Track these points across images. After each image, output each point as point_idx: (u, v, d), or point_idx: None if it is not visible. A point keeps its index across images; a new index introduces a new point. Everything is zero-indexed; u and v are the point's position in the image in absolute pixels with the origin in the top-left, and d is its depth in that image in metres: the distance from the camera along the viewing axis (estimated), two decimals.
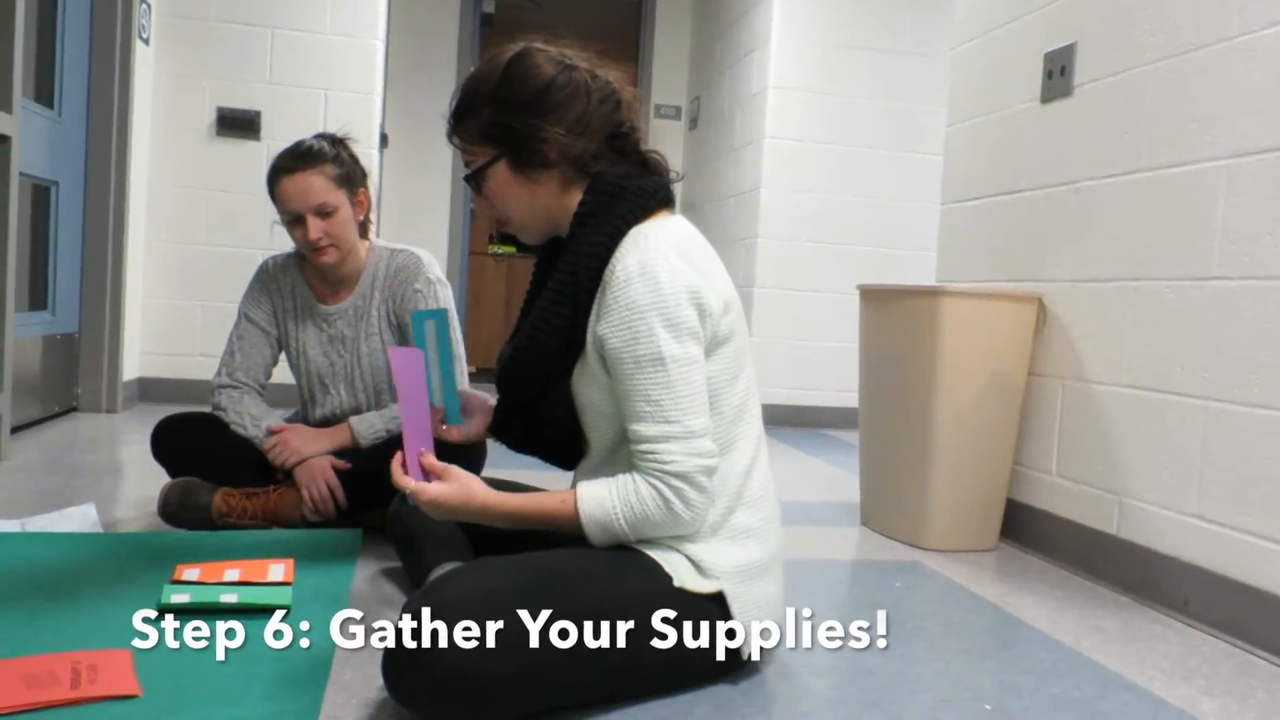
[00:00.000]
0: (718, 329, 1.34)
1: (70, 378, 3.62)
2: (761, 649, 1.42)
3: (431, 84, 5.57)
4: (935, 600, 1.95)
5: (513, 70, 1.38)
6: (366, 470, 2.01)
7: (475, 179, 1.41)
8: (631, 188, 1.38)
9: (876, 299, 2.55)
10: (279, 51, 4.10)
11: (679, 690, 1.37)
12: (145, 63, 3.89)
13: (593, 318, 1.34)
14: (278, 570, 1.70)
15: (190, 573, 1.66)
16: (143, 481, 2.57)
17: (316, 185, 2.05)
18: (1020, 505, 2.46)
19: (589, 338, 1.35)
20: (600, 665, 1.24)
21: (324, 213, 2.06)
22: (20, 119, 2.69)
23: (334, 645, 1.44)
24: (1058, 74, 2.40)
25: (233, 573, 1.67)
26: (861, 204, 4.62)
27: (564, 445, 1.46)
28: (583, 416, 1.42)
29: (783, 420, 4.58)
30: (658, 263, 1.29)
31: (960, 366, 2.33)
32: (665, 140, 5.83)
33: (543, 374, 1.40)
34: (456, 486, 1.33)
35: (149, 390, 4.05)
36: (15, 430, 3.13)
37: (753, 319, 4.55)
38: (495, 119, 1.37)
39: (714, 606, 1.33)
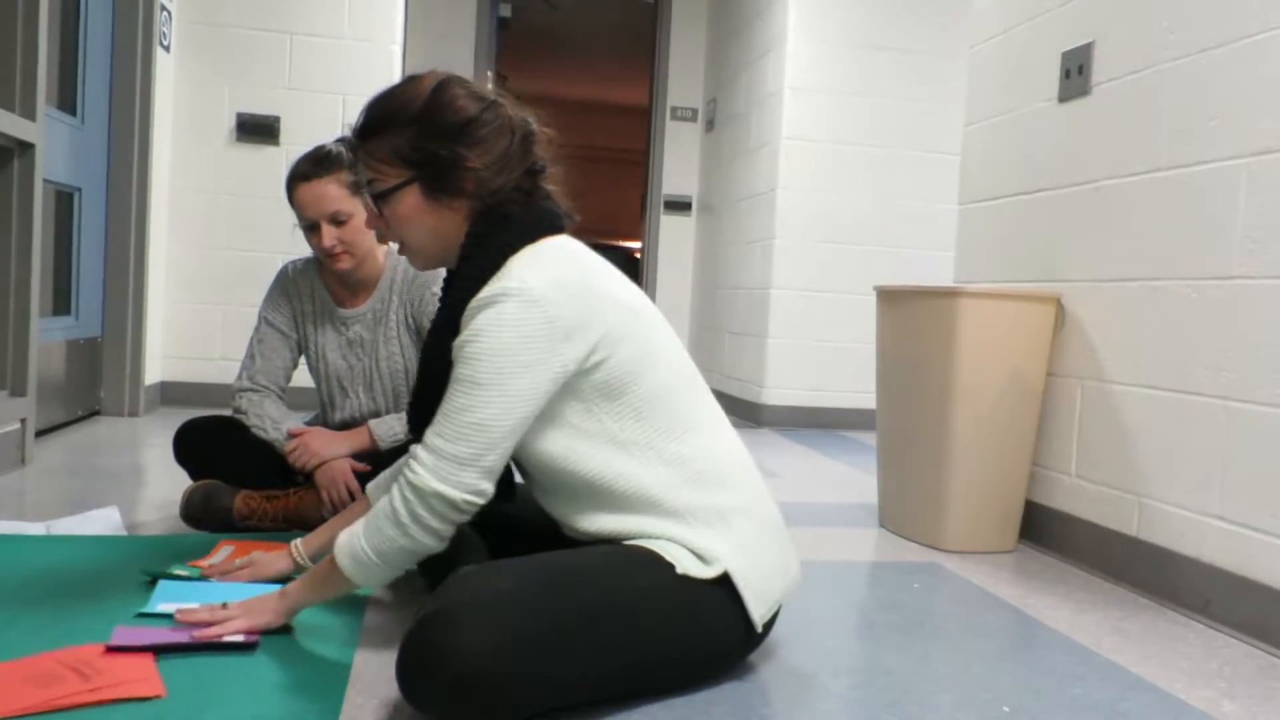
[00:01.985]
0: (592, 352, 1.32)
1: (93, 382, 3.66)
2: (771, 624, 1.44)
3: None
4: (954, 601, 1.95)
5: (441, 96, 1.38)
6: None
7: (380, 198, 1.41)
8: (516, 216, 1.40)
9: (894, 300, 2.54)
10: (297, 57, 4.14)
11: (696, 682, 1.38)
12: (166, 69, 3.93)
13: None
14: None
15: (225, 550, 1.85)
16: (165, 484, 2.59)
17: (330, 193, 2.06)
18: (1039, 506, 2.45)
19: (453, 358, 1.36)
20: (614, 661, 1.25)
21: (338, 220, 2.08)
22: (44, 126, 2.73)
23: (355, 646, 1.46)
24: (1075, 73, 2.38)
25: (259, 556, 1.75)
26: (879, 204, 4.61)
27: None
28: (538, 466, 1.41)
29: (800, 421, 4.58)
30: (512, 294, 1.28)
31: (978, 367, 2.32)
32: (681, 142, 5.84)
33: (435, 405, 1.37)
34: (253, 601, 1.44)
35: (170, 394, 4.09)
36: (40, 434, 3.17)
37: (769, 320, 4.55)
38: (417, 142, 1.37)
39: (720, 589, 1.34)
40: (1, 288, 2.64)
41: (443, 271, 2.19)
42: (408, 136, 1.37)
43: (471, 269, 1.37)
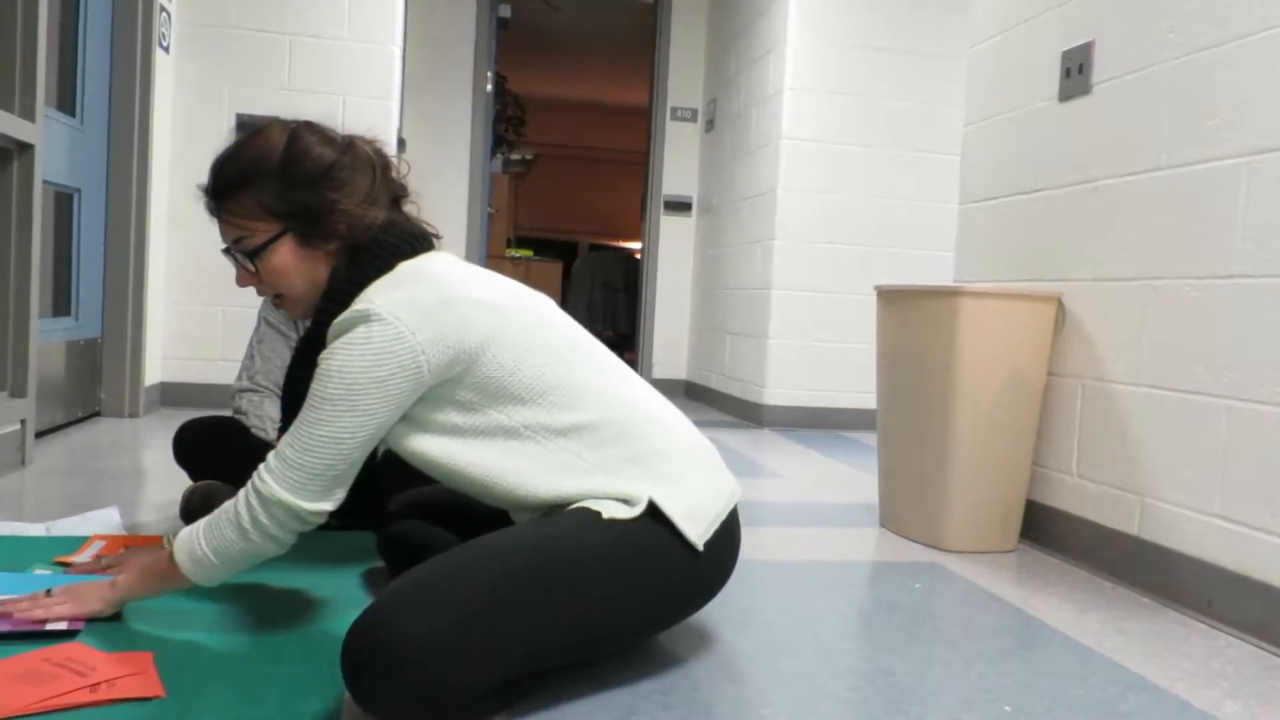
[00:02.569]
0: (455, 361, 1.33)
1: (93, 383, 3.66)
2: (726, 543, 1.44)
3: (448, 89, 5.61)
4: (955, 602, 1.94)
5: (297, 145, 1.39)
6: (386, 473, 2.02)
7: (253, 255, 1.41)
8: (372, 248, 1.41)
9: (894, 299, 2.54)
10: (297, 58, 4.13)
11: (660, 623, 1.40)
12: (166, 70, 3.93)
13: None
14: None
15: (96, 545, 1.87)
16: (165, 485, 2.59)
17: None
18: (1040, 506, 2.45)
19: None
20: (561, 623, 1.24)
21: None
22: (44, 127, 2.73)
23: None
24: (1076, 72, 2.38)
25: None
26: (879, 205, 4.61)
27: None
28: (423, 466, 1.42)
29: (801, 422, 4.58)
30: (360, 318, 1.30)
31: (979, 367, 2.32)
32: (681, 142, 5.84)
33: None
34: (79, 588, 1.43)
35: (171, 395, 4.09)
36: (40, 435, 3.17)
37: (769, 321, 4.55)
38: (284, 193, 1.37)
39: (650, 521, 1.34)
40: (1, 289, 2.64)
41: None
42: (271, 189, 1.37)
43: (329, 302, 1.40)
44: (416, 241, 1.45)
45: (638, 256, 6.83)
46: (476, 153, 5.71)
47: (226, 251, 1.44)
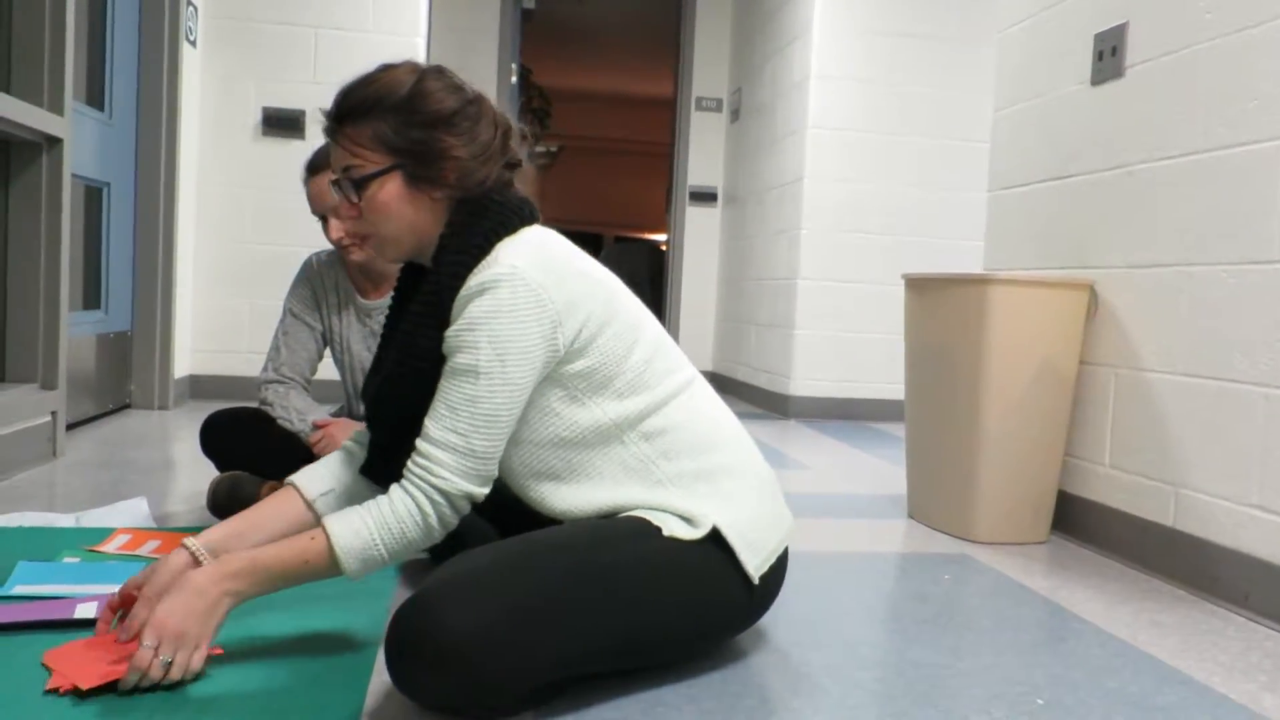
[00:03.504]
0: (577, 337, 1.31)
1: (123, 375, 3.69)
2: (778, 573, 1.43)
3: (473, 80, 5.58)
4: (985, 593, 1.91)
5: (426, 85, 1.36)
6: None
7: (359, 185, 1.36)
8: (494, 205, 1.38)
9: (922, 288, 2.51)
10: (323, 50, 4.15)
11: (701, 647, 1.38)
12: (192, 64, 3.95)
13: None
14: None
15: (121, 538, 1.86)
16: (193, 476, 2.61)
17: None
18: (1072, 497, 2.41)
19: (444, 349, 1.32)
20: (606, 633, 1.23)
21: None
22: (71, 121, 2.75)
23: (379, 638, 1.45)
24: (1108, 55, 2.34)
25: (153, 543, 1.82)
26: (907, 193, 4.56)
27: None
28: None
29: (828, 413, 4.54)
30: (505, 280, 1.27)
31: (1009, 356, 2.28)
32: (706, 133, 5.81)
33: (414, 400, 1.35)
34: (168, 597, 1.20)
35: (200, 387, 4.12)
36: (71, 427, 3.20)
37: (796, 311, 4.51)
38: (402, 129, 1.34)
39: (711, 546, 1.33)
40: (31, 282, 2.66)
41: None
42: (392, 123, 1.34)
43: (455, 255, 1.34)
44: (534, 210, 1.43)
45: (663, 248, 6.81)
46: None
47: (335, 183, 1.41)
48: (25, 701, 1.17)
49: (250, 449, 2.17)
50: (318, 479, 1.48)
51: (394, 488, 1.28)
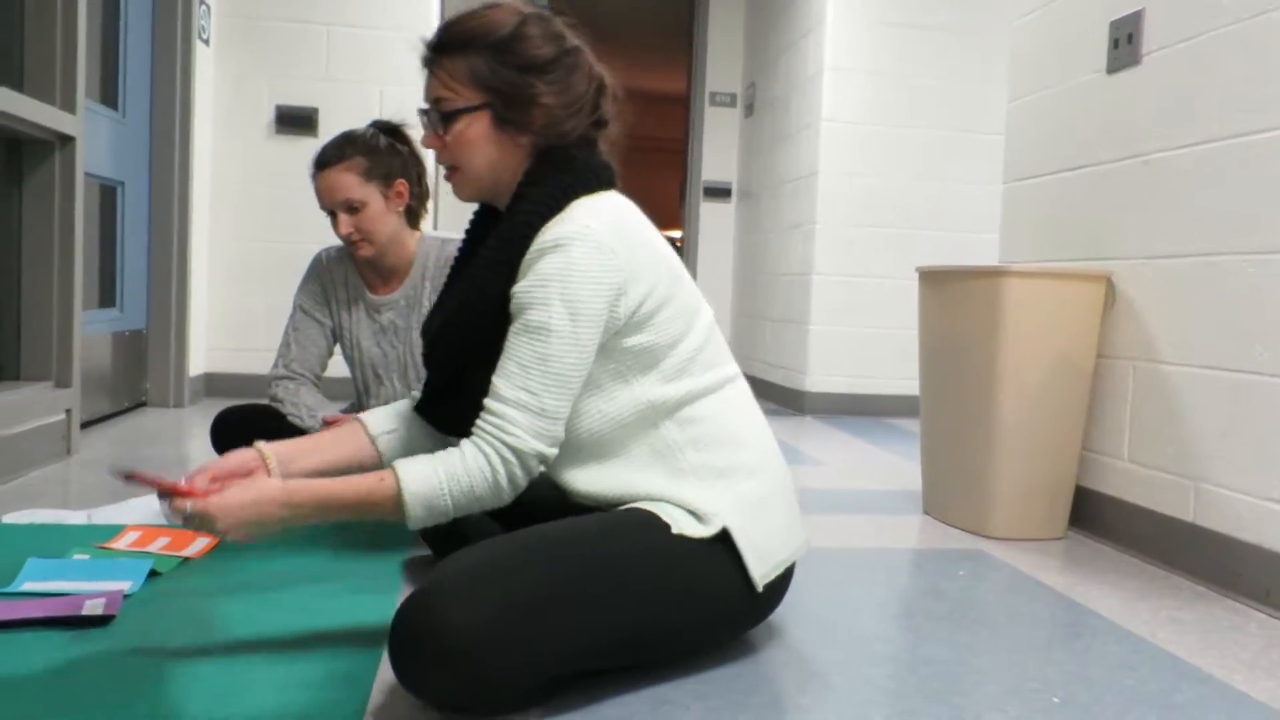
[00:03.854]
0: (639, 308, 1.31)
1: (139, 373, 3.71)
2: (782, 582, 1.41)
3: None
4: (1000, 589, 1.89)
5: (527, 29, 1.36)
6: None
7: (447, 118, 1.36)
8: (577, 163, 1.38)
9: (936, 281, 2.48)
10: (335, 48, 4.15)
11: (700, 647, 1.36)
12: (206, 63, 3.96)
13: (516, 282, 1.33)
14: (200, 543, 1.83)
15: (131, 535, 1.86)
16: None
17: (342, 182, 2.06)
18: (1090, 492, 2.37)
19: (512, 305, 1.31)
20: (608, 629, 1.22)
21: (351, 209, 2.07)
22: (84, 120, 2.75)
23: (384, 636, 1.44)
24: (1124, 42, 2.30)
25: (163, 540, 1.83)
26: (922, 186, 4.52)
27: None
28: None
29: (843, 408, 4.51)
30: (579, 239, 1.27)
31: (1024, 349, 2.25)
32: (720, 128, 5.78)
33: (473, 344, 1.35)
34: (238, 489, 1.21)
35: (215, 385, 4.13)
36: (86, 425, 3.22)
37: (810, 306, 4.49)
38: (498, 68, 1.34)
39: (719, 548, 1.31)
40: (45, 280, 2.67)
41: None
42: (488, 61, 1.34)
43: (532, 205, 1.34)
44: (614, 175, 1.43)
45: (678, 244, 6.79)
46: None
47: (424, 112, 1.41)
48: (32, 696, 1.17)
49: None
50: (383, 418, 1.49)
51: (465, 442, 1.27)
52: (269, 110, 4.12)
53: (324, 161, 2.09)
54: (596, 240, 1.27)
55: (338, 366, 2.42)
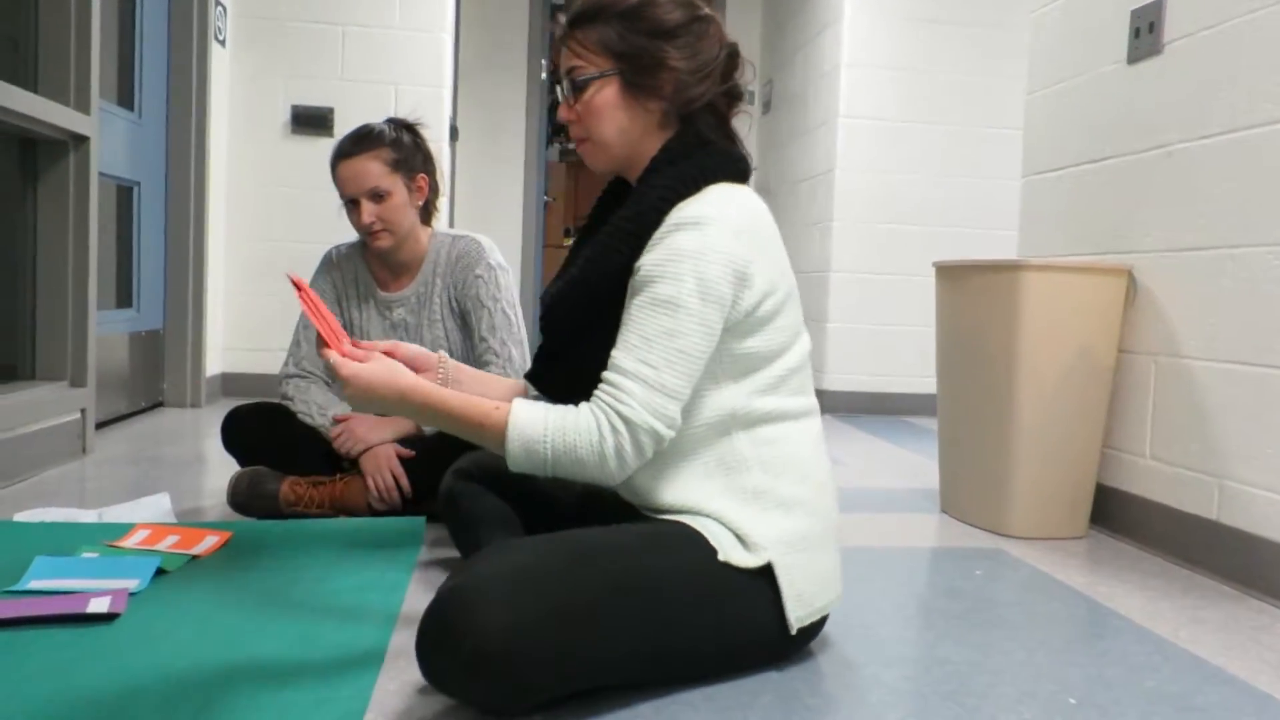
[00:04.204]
0: (759, 306, 1.29)
1: (156, 373, 3.72)
2: (815, 627, 1.37)
3: (503, 76, 5.60)
4: (1018, 588, 1.85)
5: None
6: (431, 458, 1.99)
7: (579, 86, 1.37)
8: (717, 147, 1.38)
9: (953, 276, 2.44)
10: (350, 48, 4.15)
11: (730, 673, 1.32)
12: (221, 64, 3.97)
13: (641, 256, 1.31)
14: (209, 541, 1.83)
15: (141, 533, 1.84)
16: (220, 472, 2.61)
17: (370, 170, 2.05)
18: (1111, 490, 2.33)
19: (638, 277, 1.30)
20: (640, 644, 1.19)
21: (377, 197, 2.07)
22: (99, 119, 2.76)
23: (391, 633, 1.43)
24: (1145, 31, 2.25)
25: (172, 538, 1.82)
26: (940, 183, 4.47)
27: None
28: None
29: (862, 407, 4.47)
30: (717, 220, 1.26)
31: (1044, 345, 2.21)
32: (738, 125, 5.73)
33: (589, 314, 1.34)
34: (382, 365, 1.27)
35: (231, 385, 4.14)
36: (103, 425, 3.23)
37: (829, 304, 4.45)
38: (627, 34, 1.34)
39: (760, 581, 1.28)
40: (60, 280, 2.68)
41: (485, 251, 2.17)
42: (617, 28, 1.35)
43: (669, 181, 1.32)
44: (749, 168, 1.42)
45: None
46: (532, 141, 5.69)
47: (557, 83, 1.42)
48: (34, 695, 1.16)
49: (271, 444, 2.16)
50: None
51: (583, 404, 1.25)
52: (284, 110, 4.13)
53: (349, 150, 2.08)
54: (735, 225, 1.27)
55: None
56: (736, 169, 1.38)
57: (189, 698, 1.17)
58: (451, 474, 1.57)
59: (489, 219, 5.46)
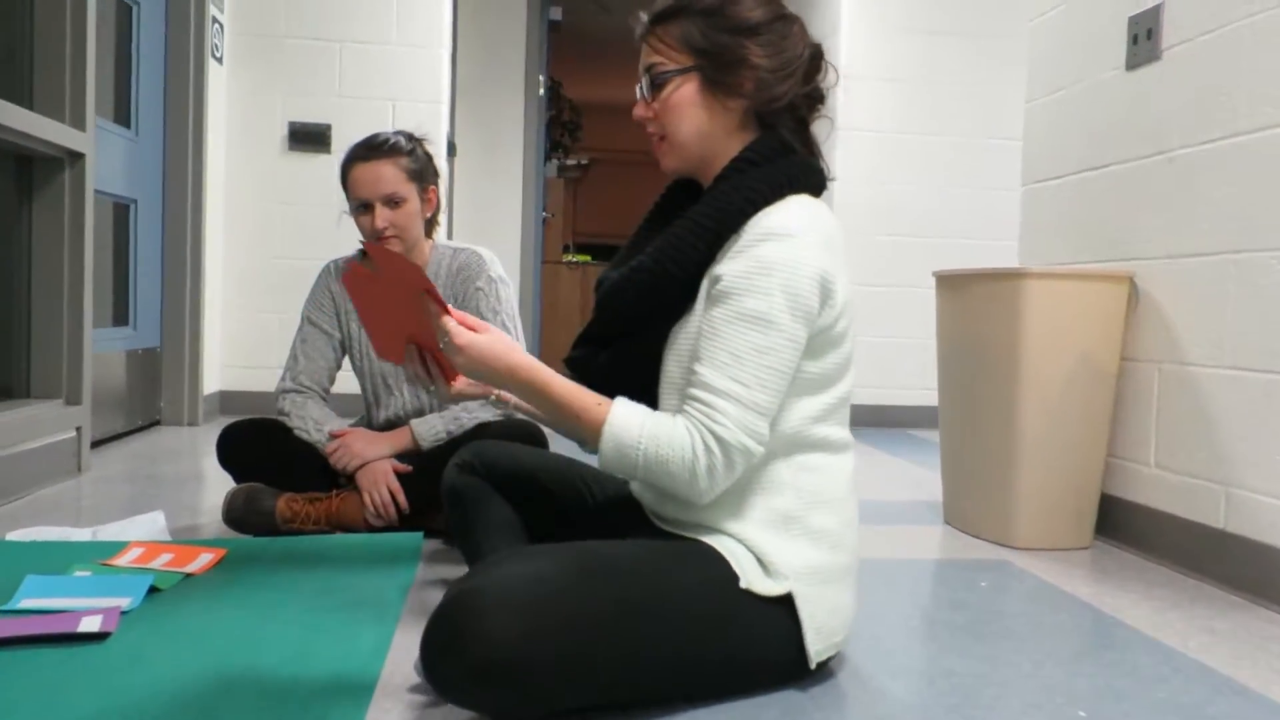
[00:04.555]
0: (835, 324, 1.27)
1: (153, 391, 3.70)
2: (828, 658, 1.34)
3: (501, 93, 5.60)
4: (1024, 600, 1.82)
5: None
6: (428, 473, 1.97)
7: (658, 83, 1.34)
8: (800, 155, 1.34)
9: (954, 285, 2.42)
10: (348, 64, 4.15)
11: (741, 693, 1.29)
12: (219, 80, 3.97)
13: (718, 262, 1.27)
14: (203, 558, 1.80)
15: (134, 551, 1.82)
16: (216, 490, 2.59)
17: (388, 174, 2.05)
18: (1116, 500, 2.30)
19: (705, 282, 1.27)
20: (652, 662, 1.17)
21: (393, 202, 2.06)
22: (94, 136, 2.75)
23: (388, 650, 1.40)
24: (1144, 38, 2.25)
25: (166, 556, 1.80)
26: (940, 193, 4.46)
27: (634, 394, 1.33)
28: (664, 375, 1.32)
29: (864, 420, 4.45)
30: (803, 232, 1.23)
31: (1046, 353, 2.19)
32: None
33: (650, 306, 1.31)
34: (496, 337, 1.25)
35: (230, 403, 4.12)
36: (100, 443, 3.20)
37: None
38: (709, 31, 1.31)
39: (779, 610, 1.25)
40: (55, 297, 2.66)
41: (486, 264, 2.15)
42: (700, 25, 1.32)
43: (754, 183, 1.28)
44: (825, 183, 1.38)
45: None
46: (530, 157, 5.68)
47: (639, 81, 1.39)
48: (23, 716, 1.13)
49: (267, 460, 2.14)
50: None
51: (680, 417, 1.23)
52: (282, 127, 4.12)
53: (366, 154, 2.07)
54: (823, 238, 1.24)
55: (347, 383, 2.39)
56: (817, 181, 1.34)
57: (180, 718, 1.14)
58: (454, 467, 1.52)
59: (487, 235, 5.44)
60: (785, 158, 1.32)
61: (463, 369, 1.26)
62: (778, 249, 1.22)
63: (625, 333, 1.35)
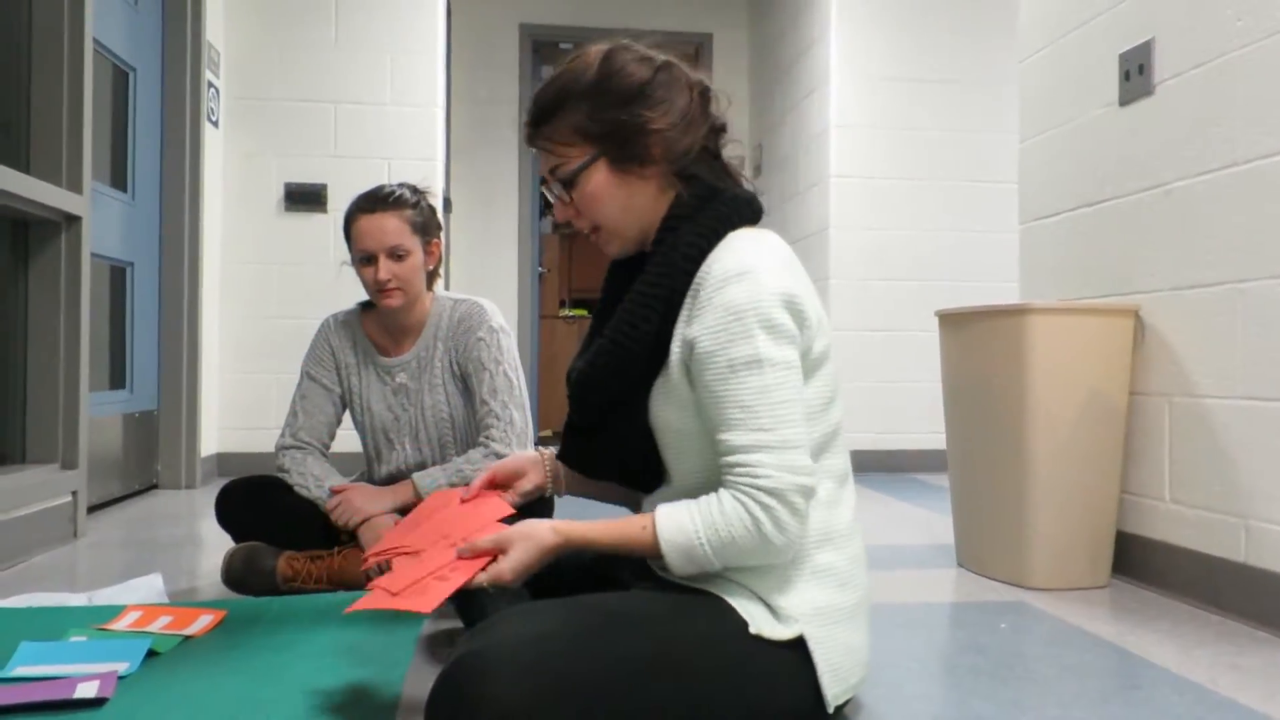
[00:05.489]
0: (813, 344, 1.24)
1: (150, 455, 3.66)
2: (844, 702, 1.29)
3: (495, 151, 5.64)
4: (1046, 641, 1.78)
5: (611, 64, 1.29)
6: None
7: (567, 182, 1.30)
8: (727, 193, 1.31)
9: (957, 324, 2.41)
10: (343, 125, 4.18)
11: None
12: (214, 144, 3.99)
13: (681, 323, 1.24)
14: (203, 620, 1.75)
15: (132, 615, 1.77)
16: (214, 552, 2.54)
17: (392, 227, 2.04)
18: (1132, 537, 2.26)
19: (675, 345, 1.24)
20: (666, 718, 1.12)
21: (397, 255, 2.04)
22: (90, 199, 2.75)
23: (395, 710, 1.36)
24: (1135, 73, 2.26)
25: (164, 619, 1.75)
26: (934, 237, 4.48)
27: (638, 467, 1.32)
28: (661, 438, 1.30)
29: (869, 465, 4.41)
30: (757, 264, 1.20)
31: (1053, 390, 2.17)
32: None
33: (623, 385, 1.28)
34: (519, 550, 1.21)
35: (227, 465, 4.07)
36: (96, 508, 3.15)
37: None
38: (596, 114, 1.27)
39: (792, 654, 1.21)
40: (51, 361, 2.64)
41: (487, 314, 2.14)
42: (585, 110, 1.28)
43: (691, 236, 1.25)
44: (760, 208, 1.35)
45: None
46: (525, 214, 5.71)
47: (543, 182, 1.35)
48: None
49: (267, 518, 2.10)
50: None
51: (723, 491, 1.19)
52: (278, 188, 4.14)
53: (371, 206, 2.06)
54: (779, 261, 1.23)
55: (348, 442, 2.35)
56: (751, 211, 1.32)
57: None
58: None
59: (484, 290, 5.44)
60: (712, 201, 1.29)
61: (516, 580, 1.24)
62: (739, 289, 1.19)
63: (607, 418, 1.32)
